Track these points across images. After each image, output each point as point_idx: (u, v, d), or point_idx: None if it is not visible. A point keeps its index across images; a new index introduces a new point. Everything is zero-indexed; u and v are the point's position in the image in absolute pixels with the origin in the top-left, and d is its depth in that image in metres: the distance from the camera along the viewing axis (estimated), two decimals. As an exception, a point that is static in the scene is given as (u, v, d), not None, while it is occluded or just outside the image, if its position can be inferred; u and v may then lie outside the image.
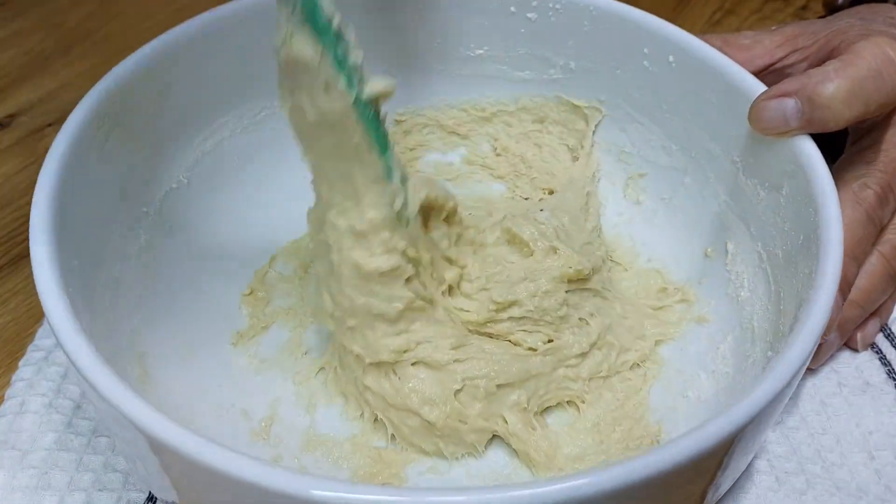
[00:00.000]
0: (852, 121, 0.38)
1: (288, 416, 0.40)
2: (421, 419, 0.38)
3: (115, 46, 0.64)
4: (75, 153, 0.36)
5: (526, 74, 0.48)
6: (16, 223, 0.52)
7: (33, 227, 0.33)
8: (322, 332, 0.43)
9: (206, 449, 0.26)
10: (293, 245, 0.47)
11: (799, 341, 0.30)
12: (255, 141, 0.46)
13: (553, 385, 0.40)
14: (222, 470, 0.26)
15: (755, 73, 0.41)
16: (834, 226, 0.34)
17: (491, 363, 0.39)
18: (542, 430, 0.39)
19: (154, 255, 0.41)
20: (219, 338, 0.43)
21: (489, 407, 0.38)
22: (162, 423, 0.27)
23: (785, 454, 0.39)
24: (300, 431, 0.40)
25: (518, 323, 0.40)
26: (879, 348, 0.43)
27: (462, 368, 0.38)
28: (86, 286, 0.35)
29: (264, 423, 0.40)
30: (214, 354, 0.42)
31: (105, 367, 0.29)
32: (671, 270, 0.46)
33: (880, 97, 0.38)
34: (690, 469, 0.27)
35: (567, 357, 0.40)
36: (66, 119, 0.36)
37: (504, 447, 0.39)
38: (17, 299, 0.47)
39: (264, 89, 0.44)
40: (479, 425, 0.38)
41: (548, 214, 0.43)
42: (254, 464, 0.26)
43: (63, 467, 0.38)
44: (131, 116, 0.39)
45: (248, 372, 0.42)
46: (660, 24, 0.43)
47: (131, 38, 0.64)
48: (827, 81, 0.37)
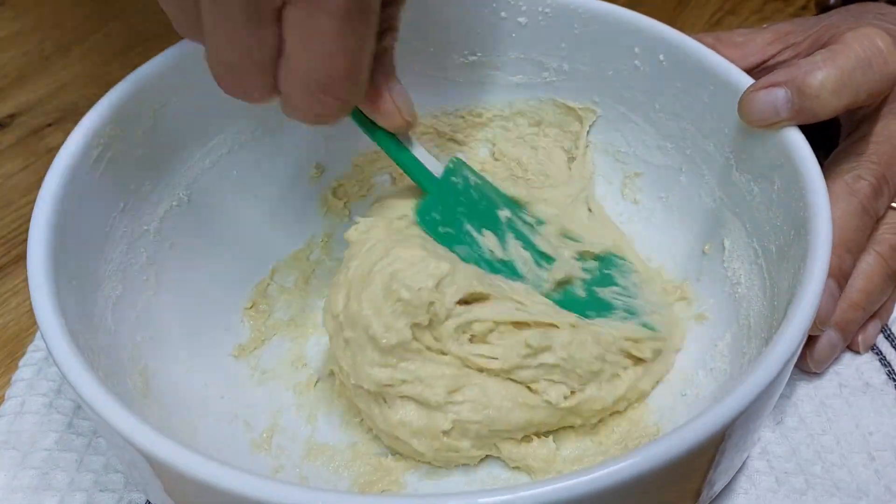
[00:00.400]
0: (841, 110, 0.38)
1: (289, 426, 0.40)
2: (411, 447, 0.37)
3: (115, 46, 0.64)
4: (74, 175, 0.36)
5: (519, 79, 0.48)
6: (16, 223, 0.52)
7: (31, 251, 0.33)
8: (322, 344, 0.43)
9: (204, 467, 0.26)
10: (294, 256, 0.47)
11: (786, 335, 0.30)
12: (253, 156, 0.46)
13: (554, 424, 0.39)
14: (223, 487, 0.26)
15: (748, 71, 0.41)
16: (823, 219, 0.34)
17: (490, 409, 0.37)
18: (538, 439, 0.38)
19: (156, 271, 0.41)
20: (220, 350, 0.43)
21: (481, 442, 0.38)
22: (154, 440, 0.27)
23: (785, 454, 0.39)
24: (301, 441, 0.40)
25: (547, 370, 0.38)
26: (879, 349, 0.43)
27: (456, 410, 0.37)
28: (85, 304, 0.35)
29: (266, 433, 0.40)
30: (216, 367, 0.42)
31: (102, 389, 0.29)
32: (669, 269, 0.46)
33: (870, 85, 0.38)
34: (681, 466, 0.27)
35: (584, 412, 0.39)
36: (65, 142, 0.37)
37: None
38: (18, 299, 0.48)
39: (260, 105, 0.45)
40: (471, 454, 0.38)
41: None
42: (254, 479, 0.26)
43: (64, 468, 0.38)
44: (128, 137, 0.39)
45: (250, 383, 0.42)
46: (650, 23, 0.43)
47: (131, 38, 0.64)
48: (816, 71, 0.37)
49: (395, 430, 0.37)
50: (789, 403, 0.41)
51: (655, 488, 0.27)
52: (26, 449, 0.39)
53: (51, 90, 0.61)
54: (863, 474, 0.38)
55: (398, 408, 0.37)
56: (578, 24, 0.45)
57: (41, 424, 0.40)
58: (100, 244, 0.38)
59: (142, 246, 0.41)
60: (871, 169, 0.40)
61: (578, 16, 0.45)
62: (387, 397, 0.37)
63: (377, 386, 0.36)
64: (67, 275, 0.34)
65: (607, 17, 0.44)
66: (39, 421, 0.40)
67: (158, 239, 0.42)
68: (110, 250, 0.39)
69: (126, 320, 0.38)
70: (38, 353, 0.43)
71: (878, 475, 0.38)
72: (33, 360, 0.43)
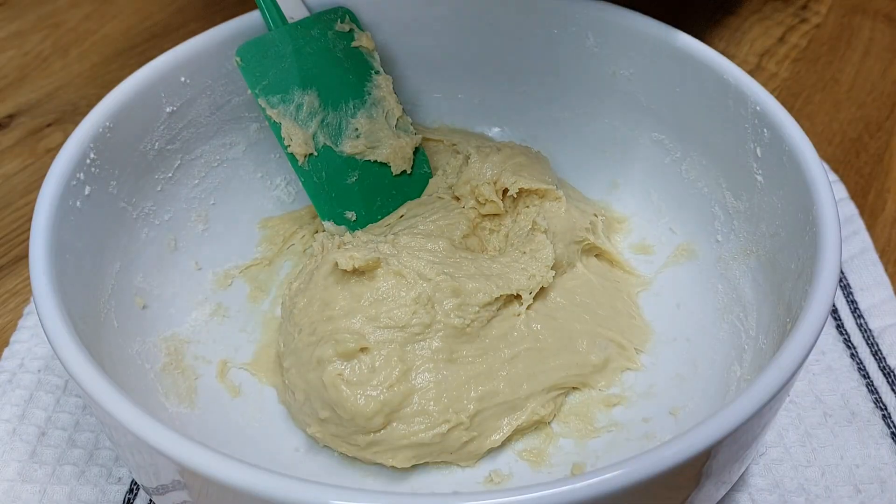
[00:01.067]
0: None
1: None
2: None
3: (114, 47, 0.64)
4: (74, 176, 0.36)
5: None
6: (15, 224, 0.52)
7: (32, 251, 0.33)
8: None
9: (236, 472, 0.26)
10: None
11: (778, 366, 0.29)
12: (255, 155, 0.47)
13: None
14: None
15: None
16: (830, 252, 0.33)
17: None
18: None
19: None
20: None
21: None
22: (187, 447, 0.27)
23: (767, 487, 0.38)
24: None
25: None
26: (867, 372, 0.42)
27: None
28: (88, 303, 0.36)
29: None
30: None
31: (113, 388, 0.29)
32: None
33: None
34: (664, 482, 0.27)
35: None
36: (65, 142, 0.37)
37: (502, 454, 0.39)
38: (17, 300, 0.48)
39: (245, 119, 0.46)
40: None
41: None
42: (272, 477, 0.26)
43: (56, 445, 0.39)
44: (128, 137, 0.39)
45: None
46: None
47: (131, 39, 0.64)
48: None
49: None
50: (773, 433, 0.40)
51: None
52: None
53: (50, 90, 0.61)
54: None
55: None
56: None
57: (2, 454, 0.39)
58: (100, 244, 0.38)
59: (143, 245, 0.41)
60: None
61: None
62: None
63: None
64: (69, 275, 0.34)
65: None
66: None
67: (159, 239, 0.42)
68: (111, 250, 0.39)
69: (130, 317, 0.38)
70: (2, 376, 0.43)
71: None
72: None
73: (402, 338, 0.38)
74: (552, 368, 0.40)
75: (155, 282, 0.42)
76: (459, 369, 0.39)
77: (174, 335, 0.42)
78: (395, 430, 0.37)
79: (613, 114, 0.47)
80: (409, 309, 0.38)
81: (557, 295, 0.42)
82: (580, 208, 0.45)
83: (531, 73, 0.48)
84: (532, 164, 0.45)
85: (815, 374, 0.42)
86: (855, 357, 0.43)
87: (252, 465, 0.26)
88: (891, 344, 0.43)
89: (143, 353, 0.39)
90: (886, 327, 0.43)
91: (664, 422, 0.39)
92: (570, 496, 0.25)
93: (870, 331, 0.44)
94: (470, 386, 0.38)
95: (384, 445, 0.37)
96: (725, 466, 0.30)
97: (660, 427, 0.39)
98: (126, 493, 0.38)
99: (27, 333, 0.44)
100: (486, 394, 0.38)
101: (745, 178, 0.41)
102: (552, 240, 0.42)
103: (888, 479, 0.38)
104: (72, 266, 0.35)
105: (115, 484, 0.38)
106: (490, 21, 0.47)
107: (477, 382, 0.39)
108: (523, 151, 0.46)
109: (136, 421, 0.28)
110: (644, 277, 0.45)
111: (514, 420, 0.39)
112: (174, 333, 0.42)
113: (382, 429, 0.37)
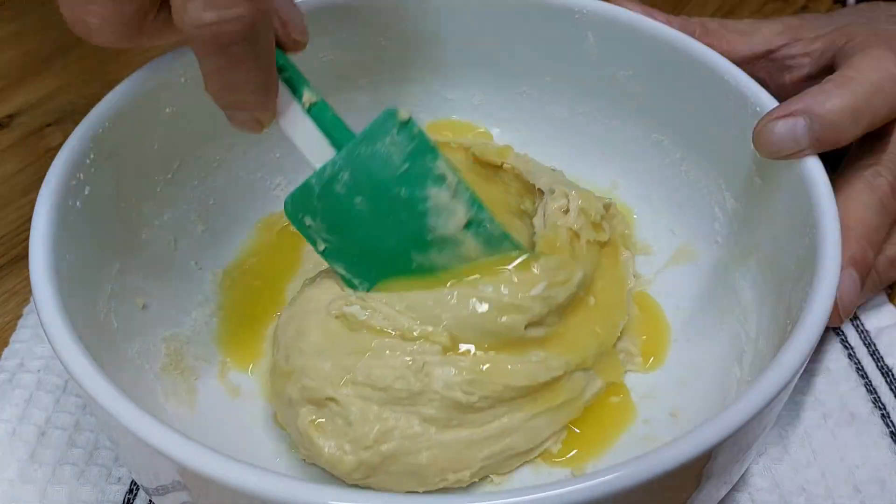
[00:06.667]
0: (859, 136, 0.38)
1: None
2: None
3: (114, 46, 0.64)
4: (73, 176, 0.36)
5: None
6: (15, 224, 0.52)
7: (32, 251, 0.33)
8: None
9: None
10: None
11: (778, 367, 0.29)
12: (257, 154, 0.47)
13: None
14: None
15: (753, 59, 0.40)
16: (830, 254, 0.33)
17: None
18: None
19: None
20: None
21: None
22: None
23: (768, 487, 0.38)
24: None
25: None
26: (865, 372, 0.42)
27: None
28: (87, 303, 0.36)
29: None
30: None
31: (112, 387, 0.29)
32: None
33: (886, 111, 0.38)
34: (664, 483, 0.27)
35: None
36: (65, 142, 0.37)
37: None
38: (17, 300, 0.47)
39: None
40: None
41: None
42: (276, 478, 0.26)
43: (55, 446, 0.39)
44: (128, 137, 0.39)
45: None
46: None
47: (131, 39, 0.64)
48: (832, 98, 0.37)
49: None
50: (774, 433, 0.40)
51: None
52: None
53: (50, 90, 0.61)
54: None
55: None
56: None
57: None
58: (100, 244, 0.38)
59: (143, 245, 0.41)
60: (890, 167, 0.40)
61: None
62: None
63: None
64: (69, 275, 0.34)
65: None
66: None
67: (160, 238, 0.42)
68: (111, 250, 0.39)
69: (130, 317, 0.38)
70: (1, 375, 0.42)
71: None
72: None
73: (382, 398, 0.33)
74: (574, 409, 0.38)
75: (155, 282, 0.42)
76: (461, 432, 0.34)
77: (174, 335, 0.41)
78: (382, 481, 0.34)
79: (613, 114, 0.48)
80: (394, 372, 0.33)
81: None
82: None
83: (531, 73, 0.49)
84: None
85: (813, 375, 0.42)
86: (853, 357, 0.43)
87: (252, 466, 0.26)
88: (888, 344, 0.43)
89: (143, 353, 0.39)
90: (884, 328, 0.43)
91: (665, 423, 0.39)
92: (571, 497, 0.25)
93: (867, 331, 0.44)
94: (474, 449, 0.34)
95: (372, 488, 0.35)
96: (726, 468, 0.30)
97: (660, 428, 0.39)
98: (126, 493, 0.38)
99: (27, 333, 0.44)
100: (499, 450, 0.35)
101: (745, 179, 0.41)
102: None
103: (888, 480, 0.38)
104: (72, 266, 0.35)
105: (114, 484, 0.38)
106: (490, 21, 0.47)
107: (487, 444, 0.34)
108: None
109: (136, 421, 0.28)
110: (644, 278, 0.45)
111: (524, 457, 0.37)
112: (174, 333, 0.42)
113: (365, 479, 0.34)
